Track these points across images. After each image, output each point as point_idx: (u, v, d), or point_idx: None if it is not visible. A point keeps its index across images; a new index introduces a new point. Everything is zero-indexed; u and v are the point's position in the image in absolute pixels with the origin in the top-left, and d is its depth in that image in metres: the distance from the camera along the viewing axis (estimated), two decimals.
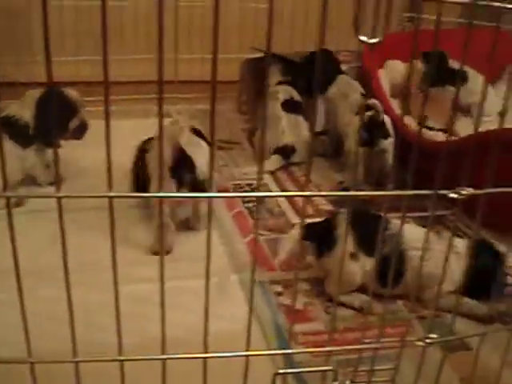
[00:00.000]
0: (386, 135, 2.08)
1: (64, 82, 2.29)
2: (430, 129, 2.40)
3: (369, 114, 2.14)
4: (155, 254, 1.60)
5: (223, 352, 0.84)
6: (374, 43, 0.65)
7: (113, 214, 0.70)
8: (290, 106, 2.31)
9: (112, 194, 0.69)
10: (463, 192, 0.80)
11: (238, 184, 2.07)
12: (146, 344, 0.86)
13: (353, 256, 1.43)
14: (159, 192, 0.74)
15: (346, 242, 1.29)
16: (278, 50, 2.49)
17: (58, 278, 0.74)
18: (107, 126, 0.65)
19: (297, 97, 2.37)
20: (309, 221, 1.82)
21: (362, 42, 0.64)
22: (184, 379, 0.89)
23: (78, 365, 0.77)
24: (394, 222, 1.35)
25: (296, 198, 1.95)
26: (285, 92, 2.35)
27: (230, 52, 2.62)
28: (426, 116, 2.43)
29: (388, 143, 2.08)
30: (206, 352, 0.82)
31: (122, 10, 2.67)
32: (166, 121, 2.60)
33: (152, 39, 2.38)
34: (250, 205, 1.90)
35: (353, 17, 0.65)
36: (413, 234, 1.42)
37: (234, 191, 2.01)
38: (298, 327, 1.36)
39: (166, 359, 0.81)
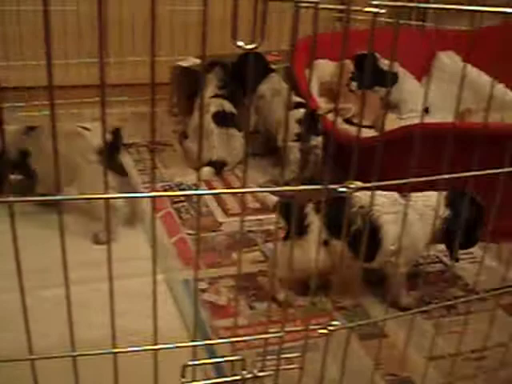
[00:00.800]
0: (318, 132, 2.15)
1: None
2: (358, 125, 2.46)
3: (302, 111, 2.21)
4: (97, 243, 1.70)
5: (133, 347, 0.87)
6: (251, 48, 0.69)
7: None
8: (220, 118, 2.29)
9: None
10: (351, 186, 0.85)
11: (168, 185, 2.09)
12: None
13: (325, 243, 1.43)
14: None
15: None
16: (212, 52, 2.53)
17: None
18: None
19: (229, 109, 2.35)
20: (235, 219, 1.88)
21: (239, 47, 0.68)
22: (96, 375, 0.92)
23: None
24: (358, 195, 1.40)
25: (224, 198, 1.99)
26: (216, 104, 2.33)
27: (160, 54, 2.65)
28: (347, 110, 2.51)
29: (319, 140, 2.15)
30: (116, 347, 0.86)
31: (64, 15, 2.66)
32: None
33: (86, 44, 2.38)
34: (179, 205, 1.93)
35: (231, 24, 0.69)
36: (381, 200, 1.46)
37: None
38: (221, 322, 1.40)
39: (76, 356, 0.84)
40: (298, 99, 2.31)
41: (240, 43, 0.68)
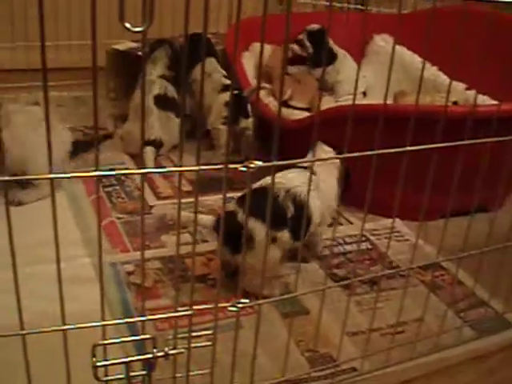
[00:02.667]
0: (247, 115, 2.18)
1: None
2: (294, 108, 2.49)
3: (232, 93, 2.22)
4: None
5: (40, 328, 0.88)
6: (138, 31, 0.70)
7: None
8: (161, 101, 2.29)
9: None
10: (251, 165, 0.87)
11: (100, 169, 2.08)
12: None
13: (273, 240, 1.42)
14: None
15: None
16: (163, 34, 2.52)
17: None
18: None
19: (172, 93, 2.34)
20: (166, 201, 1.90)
21: (127, 29, 0.69)
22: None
23: None
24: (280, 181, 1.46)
25: (154, 180, 2.01)
26: (160, 86, 2.32)
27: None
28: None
29: (249, 122, 2.17)
30: (23, 329, 0.87)
31: None
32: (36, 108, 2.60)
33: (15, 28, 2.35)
34: (110, 189, 1.94)
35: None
36: (299, 180, 1.49)
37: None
38: (147, 304, 1.41)
39: None
40: (227, 82, 2.33)
41: (127, 25, 0.69)
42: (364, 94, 2.76)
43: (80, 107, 2.65)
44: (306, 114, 2.38)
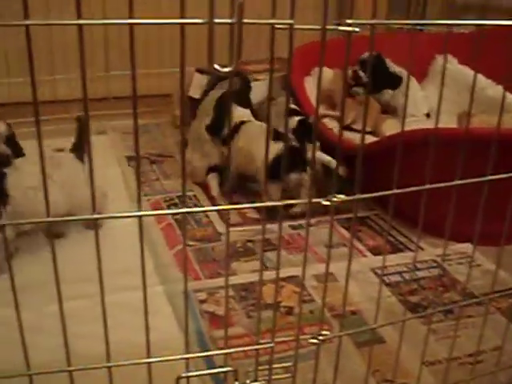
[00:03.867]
0: (311, 140, 2.18)
1: None
2: (358, 131, 2.48)
3: (297, 118, 2.24)
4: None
5: (127, 360, 0.89)
6: (227, 72, 0.71)
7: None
8: (214, 130, 2.27)
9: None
10: (334, 199, 0.87)
11: (168, 196, 2.12)
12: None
13: None
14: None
15: None
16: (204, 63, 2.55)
17: None
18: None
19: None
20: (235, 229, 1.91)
21: (216, 70, 0.71)
22: None
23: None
24: None
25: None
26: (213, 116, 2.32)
27: (163, 66, 2.70)
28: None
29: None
30: (109, 361, 0.88)
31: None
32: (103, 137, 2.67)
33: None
34: (179, 216, 1.96)
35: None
36: None
37: (166, 204, 2.07)
38: (220, 333, 1.42)
39: (71, 371, 0.87)
40: (293, 106, 2.35)
41: (216, 66, 0.70)
42: (427, 115, 2.73)
43: (143, 135, 2.70)
44: (371, 137, 2.37)
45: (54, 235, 1.77)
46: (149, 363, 0.90)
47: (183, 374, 0.93)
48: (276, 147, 1.99)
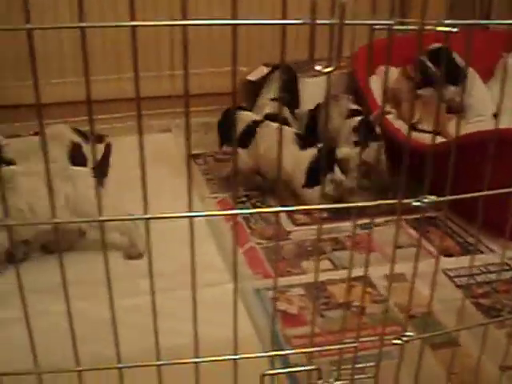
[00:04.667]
0: (376, 138, 2.17)
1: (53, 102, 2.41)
2: (423, 132, 2.46)
3: (358, 118, 2.24)
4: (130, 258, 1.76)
5: (214, 356, 0.91)
6: (328, 72, 0.72)
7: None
8: (271, 119, 2.30)
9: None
10: (425, 200, 0.87)
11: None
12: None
13: None
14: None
15: None
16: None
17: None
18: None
19: (284, 113, 2.39)
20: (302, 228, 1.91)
21: (318, 71, 0.71)
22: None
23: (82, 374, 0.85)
24: None
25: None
26: (270, 108, 2.41)
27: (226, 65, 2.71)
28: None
29: (378, 145, 2.16)
30: (197, 357, 0.90)
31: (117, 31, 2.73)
32: (167, 135, 2.70)
33: (148, 57, 2.46)
34: (247, 214, 1.98)
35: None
36: None
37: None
38: (293, 331, 1.43)
39: (160, 365, 0.88)
40: (354, 106, 2.34)
41: (318, 67, 0.71)
42: (495, 116, 2.68)
43: (209, 132, 2.72)
44: (438, 138, 2.34)
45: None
46: (234, 359, 0.92)
47: (268, 372, 0.94)
48: (307, 155, 2.03)
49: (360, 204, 0.89)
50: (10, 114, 2.56)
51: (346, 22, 0.71)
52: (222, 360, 0.91)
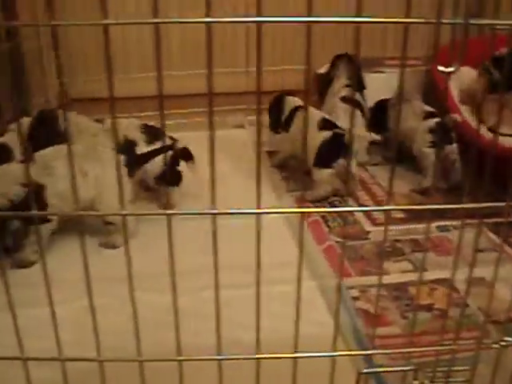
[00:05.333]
0: (451, 140, 2.15)
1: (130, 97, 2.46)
2: (502, 135, 2.41)
3: (434, 120, 2.22)
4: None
5: (310, 352, 0.91)
6: (450, 72, 0.72)
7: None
8: (347, 101, 2.47)
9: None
10: None
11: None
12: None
13: None
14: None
15: None
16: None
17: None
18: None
19: (357, 97, 2.52)
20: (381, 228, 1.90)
21: (441, 71, 0.71)
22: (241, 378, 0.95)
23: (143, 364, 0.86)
24: None
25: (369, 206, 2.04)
26: (346, 91, 2.52)
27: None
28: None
29: (453, 147, 2.15)
30: (296, 352, 0.91)
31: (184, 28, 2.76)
32: (240, 131, 2.72)
33: (224, 53, 2.48)
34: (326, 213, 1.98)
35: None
36: None
37: None
38: (376, 331, 1.42)
39: (221, 359, 0.88)
40: (429, 108, 2.33)
41: (441, 68, 0.71)
42: None
43: None
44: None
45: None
46: (333, 356, 0.92)
47: (365, 370, 0.95)
48: (322, 135, 2.10)
49: (467, 205, 0.88)
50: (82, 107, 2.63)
51: (471, 22, 0.71)
52: (320, 356, 0.92)
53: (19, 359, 0.89)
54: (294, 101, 2.35)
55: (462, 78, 2.58)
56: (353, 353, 0.91)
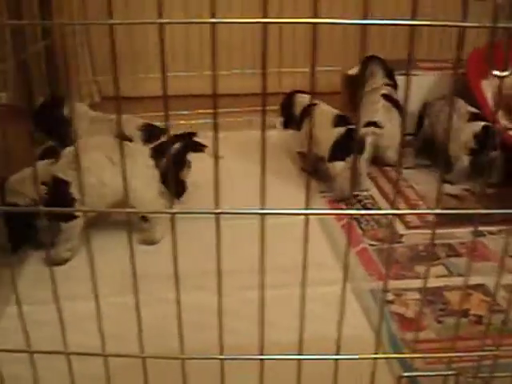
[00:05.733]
0: (495, 147, 2.13)
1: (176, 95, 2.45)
2: None
3: (481, 124, 2.20)
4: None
5: (352, 354, 0.91)
6: (504, 76, 0.71)
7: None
8: (387, 99, 2.49)
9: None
10: None
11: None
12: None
13: None
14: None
15: None
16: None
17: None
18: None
19: (395, 96, 2.54)
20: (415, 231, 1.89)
21: (496, 76, 0.71)
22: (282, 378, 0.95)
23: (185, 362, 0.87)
24: None
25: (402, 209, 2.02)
26: (386, 90, 2.53)
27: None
28: None
29: (495, 154, 2.12)
30: (338, 354, 0.90)
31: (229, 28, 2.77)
32: (270, 132, 2.72)
33: (255, 54, 2.49)
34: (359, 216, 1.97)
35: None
36: None
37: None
38: (411, 335, 1.42)
39: (263, 359, 0.87)
40: (473, 109, 2.30)
41: (496, 72, 0.71)
42: None
43: None
44: None
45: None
46: (375, 359, 0.92)
47: (405, 374, 0.94)
48: (337, 131, 2.11)
49: (506, 211, 0.87)
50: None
51: None
52: (363, 358, 0.92)
53: (62, 353, 0.90)
54: (305, 98, 2.37)
55: (495, 82, 2.56)
56: (395, 356, 0.91)
